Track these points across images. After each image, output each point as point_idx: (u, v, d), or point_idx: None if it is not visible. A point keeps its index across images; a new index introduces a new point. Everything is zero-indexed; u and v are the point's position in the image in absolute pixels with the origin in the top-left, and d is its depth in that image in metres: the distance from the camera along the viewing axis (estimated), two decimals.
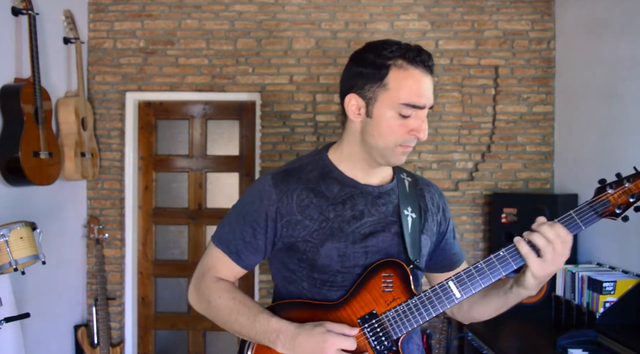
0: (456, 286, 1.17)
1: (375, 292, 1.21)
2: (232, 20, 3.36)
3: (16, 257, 2.09)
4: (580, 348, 2.18)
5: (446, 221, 1.42)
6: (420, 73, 1.20)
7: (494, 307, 1.29)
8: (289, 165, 1.33)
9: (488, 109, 3.36)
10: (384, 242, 1.26)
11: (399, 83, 1.18)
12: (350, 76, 1.25)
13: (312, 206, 1.25)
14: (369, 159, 1.27)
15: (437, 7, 3.34)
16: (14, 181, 2.52)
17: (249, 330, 1.20)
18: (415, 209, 1.32)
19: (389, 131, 1.20)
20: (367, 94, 1.22)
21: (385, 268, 1.22)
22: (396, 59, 1.19)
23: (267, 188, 1.26)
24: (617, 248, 2.63)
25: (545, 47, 3.33)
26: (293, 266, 1.27)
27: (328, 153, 1.33)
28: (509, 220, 2.97)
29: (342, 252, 1.23)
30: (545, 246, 1.11)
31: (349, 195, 1.27)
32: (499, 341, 2.51)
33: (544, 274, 1.13)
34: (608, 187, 1.16)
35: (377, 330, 1.18)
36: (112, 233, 3.37)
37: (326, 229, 1.23)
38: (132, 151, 3.47)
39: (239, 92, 3.40)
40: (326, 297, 1.24)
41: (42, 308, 2.83)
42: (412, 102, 1.18)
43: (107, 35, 3.38)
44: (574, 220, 1.14)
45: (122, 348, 3.35)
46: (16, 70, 2.64)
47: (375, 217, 1.27)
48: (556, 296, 2.67)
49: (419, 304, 1.18)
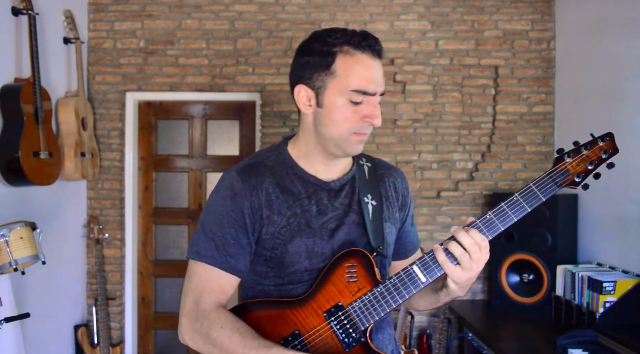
0: (420, 269, 1.14)
1: (340, 283, 1.18)
2: (232, 20, 3.36)
3: (16, 257, 2.08)
4: (580, 348, 2.18)
5: (406, 207, 1.39)
6: (368, 58, 1.17)
7: (428, 301, 1.30)
8: (250, 159, 1.29)
9: (488, 109, 3.36)
10: (348, 235, 1.23)
11: (347, 69, 1.16)
12: (298, 67, 1.24)
13: (278, 201, 1.22)
14: (326, 152, 1.24)
15: (437, 7, 3.34)
16: (14, 181, 2.52)
17: None
18: (375, 196, 1.29)
19: (341, 119, 1.18)
20: (316, 83, 1.20)
21: (348, 258, 1.19)
22: (342, 45, 1.17)
23: (236, 184, 1.22)
24: (617, 248, 2.63)
25: (545, 47, 3.33)
26: (259, 267, 1.24)
27: (287, 148, 1.30)
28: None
29: (310, 249, 1.20)
30: (461, 256, 1.10)
31: (312, 190, 1.25)
32: (499, 341, 2.51)
33: (463, 280, 1.12)
34: (566, 156, 1.14)
35: (344, 322, 1.16)
36: (112, 233, 3.37)
37: (294, 225, 1.21)
38: (132, 151, 3.47)
39: (239, 92, 3.40)
40: (292, 294, 1.22)
41: (42, 308, 2.83)
42: (362, 88, 1.16)
43: (107, 35, 3.38)
44: (534, 192, 1.12)
45: (122, 348, 3.35)
46: (16, 70, 2.64)
47: (339, 211, 1.25)
48: (556, 296, 2.67)
49: (385, 292, 1.16)
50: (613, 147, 1.15)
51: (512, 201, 1.13)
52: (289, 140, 1.32)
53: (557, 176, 1.13)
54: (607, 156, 1.14)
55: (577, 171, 1.13)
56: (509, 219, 1.13)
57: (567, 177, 1.13)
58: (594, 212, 2.82)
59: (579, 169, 1.13)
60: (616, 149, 1.15)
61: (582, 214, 2.91)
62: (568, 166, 1.14)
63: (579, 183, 1.14)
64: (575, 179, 1.13)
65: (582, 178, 1.13)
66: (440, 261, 1.11)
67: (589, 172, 1.14)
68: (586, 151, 1.14)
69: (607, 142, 1.15)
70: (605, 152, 1.14)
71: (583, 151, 1.14)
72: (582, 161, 1.14)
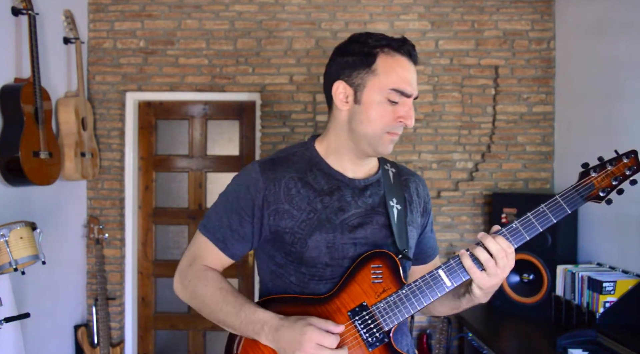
0: (445, 274, 1.16)
1: (364, 284, 1.20)
2: (232, 20, 3.36)
3: (16, 257, 2.08)
4: (580, 348, 2.18)
5: (427, 214, 1.42)
6: (407, 61, 1.22)
7: (449, 307, 1.31)
8: (276, 154, 1.33)
9: (488, 109, 3.36)
10: (372, 234, 1.25)
11: (388, 68, 1.20)
12: (337, 66, 1.26)
13: (299, 196, 1.24)
14: (357, 150, 1.27)
15: (437, 7, 3.34)
16: (14, 181, 2.52)
17: (234, 319, 1.19)
18: (400, 201, 1.32)
19: (378, 117, 1.21)
20: (355, 81, 1.22)
21: (373, 259, 1.21)
22: (383, 47, 1.21)
23: (254, 175, 1.26)
24: (617, 248, 2.63)
25: (545, 47, 3.34)
26: (280, 259, 1.26)
27: (315, 144, 1.33)
28: (508, 220, 2.97)
29: (330, 244, 1.22)
30: (487, 261, 1.12)
31: (336, 186, 1.27)
32: (499, 341, 2.51)
33: (488, 286, 1.13)
34: (592, 171, 1.17)
35: (368, 322, 1.18)
36: (112, 233, 3.38)
37: (314, 220, 1.22)
38: (132, 151, 3.47)
39: (239, 92, 3.40)
40: (314, 291, 1.23)
41: (42, 308, 2.83)
42: (400, 88, 1.20)
43: (107, 35, 3.38)
44: (560, 204, 1.15)
45: (122, 348, 3.35)
46: (16, 70, 2.64)
47: (362, 209, 1.26)
48: (556, 296, 2.67)
49: (410, 294, 1.17)
50: (637, 164, 1.17)
51: (539, 211, 1.16)
52: (317, 138, 1.35)
53: (583, 189, 1.16)
54: (630, 172, 1.17)
55: (602, 186, 1.16)
56: (534, 229, 1.16)
57: (592, 192, 1.16)
58: (594, 212, 2.82)
59: (604, 184, 1.16)
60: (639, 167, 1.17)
61: (582, 214, 2.91)
62: (594, 181, 1.16)
63: (603, 198, 1.16)
64: (600, 193, 1.16)
65: (606, 193, 1.16)
66: (467, 267, 1.13)
67: (613, 187, 1.16)
68: (611, 167, 1.16)
69: (632, 160, 1.17)
70: (630, 169, 1.17)
71: (608, 166, 1.16)
72: (607, 176, 1.16)
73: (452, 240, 3.32)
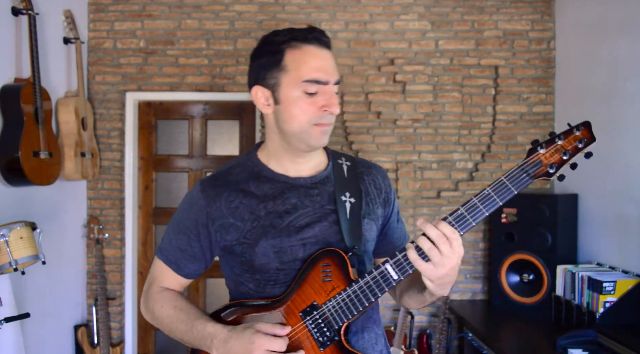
0: (393, 268, 1.13)
1: (315, 283, 1.19)
2: (232, 20, 3.36)
3: (16, 257, 2.09)
4: (580, 348, 2.18)
5: (390, 204, 1.38)
6: (316, 48, 1.20)
7: (417, 301, 1.29)
8: (219, 169, 1.33)
9: (488, 109, 3.36)
10: (321, 232, 1.23)
11: (297, 62, 1.19)
12: (252, 71, 1.27)
13: (241, 206, 1.23)
14: (291, 149, 1.25)
15: (437, 7, 3.34)
16: (14, 181, 2.52)
17: (188, 337, 1.21)
18: (354, 194, 1.28)
19: (300, 112, 1.19)
20: (270, 81, 1.22)
21: (323, 258, 1.20)
22: (289, 41, 1.20)
23: (195, 194, 1.27)
24: (617, 248, 2.63)
25: (545, 47, 3.34)
26: (237, 269, 1.27)
27: (257, 153, 1.32)
28: (509, 220, 2.97)
29: (277, 248, 1.21)
30: (430, 250, 1.07)
31: (280, 191, 1.25)
32: (499, 341, 2.51)
33: (437, 277, 1.08)
34: (539, 147, 1.11)
35: (319, 321, 1.17)
36: (112, 233, 3.38)
37: (258, 228, 1.22)
38: (132, 151, 3.47)
39: (239, 92, 3.40)
40: (270, 295, 1.23)
41: (42, 308, 2.83)
42: (313, 78, 1.18)
43: (107, 35, 3.38)
44: (505, 185, 1.10)
45: (122, 348, 3.35)
46: (16, 70, 2.64)
47: (310, 208, 1.24)
48: (556, 296, 2.67)
49: (358, 291, 1.16)
50: (589, 136, 1.11)
51: (483, 194, 1.11)
52: (260, 145, 1.35)
53: (529, 167, 1.10)
54: (583, 145, 1.11)
55: (550, 162, 1.10)
56: (480, 213, 1.11)
57: (539, 169, 1.10)
58: (594, 212, 2.81)
59: (553, 159, 1.10)
60: (593, 138, 1.11)
61: (582, 214, 2.91)
62: (541, 157, 1.10)
63: (552, 174, 1.10)
64: (549, 170, 1.10)
65: (555, 169, 1.10)
66: (412, 259, 1.09)
67: (563, 162, 1.10)
68: (560, 141, 1.10)
69: (583, 131, 1.12)
70: (581, 141, 1.11)
71: (557, 141, 1.10)
72: (556, 151, 1.10)
73: None
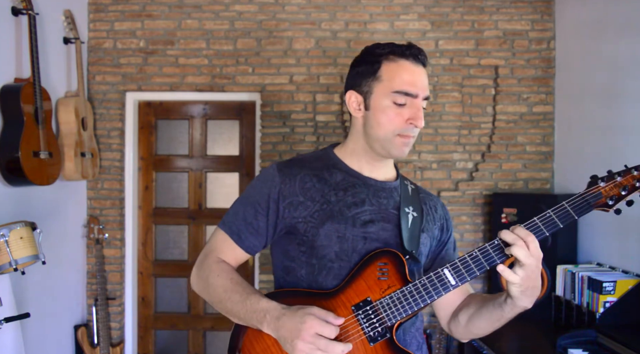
0: (451, 273, 1.18)
1: (370, 280, 1.22)
2: (232, 20, 3.36)
3: (16, 257, 2.08)
4: (580, 348, 2.18)
5: (448, 231, 1.45)
6: (411, 64, 1.28)
7: (492, 320, 1.27)
8: (294, 157, 1.42)
9: (488, 109, 3.36)
10: (383, 232, 1.28)
11: (391, 74, 1.28)
12: (350, 77, 1.36)
13: (314, 189, 1.30)
14: (372, 152, 1.33)
15: (437, 7, 3.34)
16: (14, 181, 2.52)
17: (240, 308, 1.22)
18: (417, 209, 1.36)
19: (386, 120, 1.27)
20: (364, 88, 1.31)
21: (381, 257, 1.24)
22: (387, 54, 1.29)
23: (271, 172, 1.33)
24: (617, 248, 2.63)
25: (545, 47, 3.33)
26: (293, 252, 1.30)
27: (334, 150, 1.41)
28: (509, 220, 2.97)
29: (341, 234, 1.26)
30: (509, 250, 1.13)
31: (351, 184, 1.33)
32: (499, 341, 2.51)
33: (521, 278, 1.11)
34: (600, 181, 1.19)
35: (371, 317, 1.19)
36: (112, 233, 3.38)
37: (327, 210, 1.27)
38: (132, 151, 3.47)
39: (239, 92, 3.40)
40: (322, 285, 1.26)
41: (42, 308, 2.83)
42: (404, 90, 1.26)
43: (107, 35, 3.38)
44: (567, 210, 1.16)
45: (122, 348, 3.35)
46: (16, 70, 2.64)
47: (376, 207, 1.31)
48: (556, 296, 2.67)
49: (414, 292, 1.19)
50: None
51: (546, 216, 1.17)
52: (336, 145, 1.43)
53: (591, 197, 1.18)
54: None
55: (609, 195, 1.18)
56: (541, 232, 1.16)
57: (599, 199, 1.18)
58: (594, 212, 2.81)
59: (612, 193, 1.18)
60: None
61: None
62: (601, 190, 1.19)
63: (611, 206, 1.18)
64: (608, 201, 1.18)
65: (615, 201, 1.18)
66: (510, 240, 1.12)
67: (621, 197, 1.18)
68: (620, 178, 1.18)
69: None
70: (639, 180, 1.18)
71: (616, 177, 1.18)
72: (615, 186, 1.18)
73: None
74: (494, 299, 1.23)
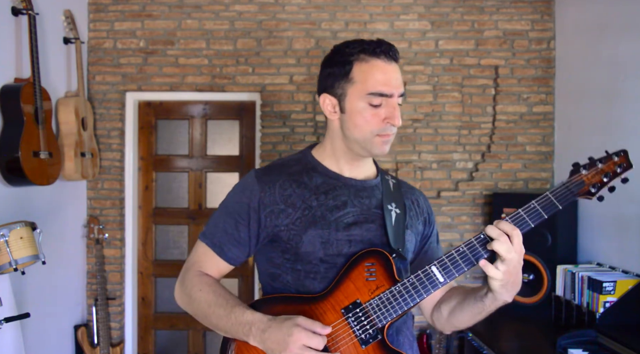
0: (439, 270, 1.17)
1: (358, 281, 1.21)
2: (232, 20, 3.36)
3: (16, 257, 2.08)
4: (580, 348, 2.18)
5: (431, 225, 1.44)
6: (383, 62, 1.25)
7: (473, 313, 1.26)
8: (272, 162, 1.39)
9: (488, 109, 3.36)
10: (367, 233, 1.27)
11: (364, 75, 1.24)
12: (322, 79, 1.33)
13: (294, 195, 1.28)
14: (351, 153, 1.32)
15: (437, 7, 3.34)
16: (14, 181, 2.52)
17: (225, 322, 1.21)
18: (399, 206, 1.34)
19: (363, 122, 1.25)
20: (337, 91, 1.28)
21: (368, 257, 1.22)
22: (358, 54, 1.26)
23: (250, 180, 1.31)
24: (617, 248, 2.63)
25: (545, 47, 3.33)
26: (277, 260, 1.28)
27: (312, 151, 1.38)
28: None
29: (325, 239, 1.24)
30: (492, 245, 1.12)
31: (332, 186, 1.31)
32: (499, 341, 2.51)
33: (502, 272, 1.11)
34: (582, 169, 1.20)
35: (362, 319, 1.18)
36: (112, 233, 3.37)
37: (309, 216, 1.25)
38: (132, 151, 3.47)
39: (239, 92, 3.40)
40: (309, 289, 1.24)
41: (42, 308, 2.83)
42: (378, 91, 1.23)
43: (107, 35, 3.38)
44: (551, 200, 1.16)
45: (122, 348, 3.35)
46: (16, 70, 2.64)
47: (358, 209, 1.29)
48: (556, 296, 2.67)
49: (403, 291, 1.18)
50: (627, 163, 1.21)
51: (530, 207, 1.16)
52: (314, 147, 1.40)
53: (573, 186, 1.18)
54: (621, 169, 1.20)
55: (592, 182, 1.18)
56: (526, 224, 1.16)
57: (583, 188, 1.18)
58: (594, 212, 2.82)
59: (595, 180, 1.19)
60: (630, 165, 1.21)
61: (582, 214, 2.91)
62: (584, 178, 1.19)
63: (594, 194, 1.19)
64: (591, 189, 1.18)
65: (597, 188, 1.18)
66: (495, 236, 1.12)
67: (604, 183, 1.19)
68: (601, 165, 1.19)
69: (622, 157, 1.21)
70: (620, 166, 1.20)
71: (598, 164, 1.19)
72: (597, 173, 1.19)
73: (452, 240, 3.32)
74: (475, 293, 1.22)
